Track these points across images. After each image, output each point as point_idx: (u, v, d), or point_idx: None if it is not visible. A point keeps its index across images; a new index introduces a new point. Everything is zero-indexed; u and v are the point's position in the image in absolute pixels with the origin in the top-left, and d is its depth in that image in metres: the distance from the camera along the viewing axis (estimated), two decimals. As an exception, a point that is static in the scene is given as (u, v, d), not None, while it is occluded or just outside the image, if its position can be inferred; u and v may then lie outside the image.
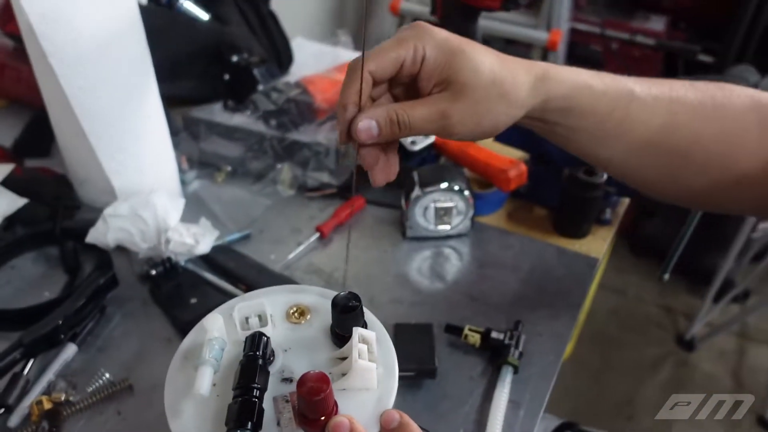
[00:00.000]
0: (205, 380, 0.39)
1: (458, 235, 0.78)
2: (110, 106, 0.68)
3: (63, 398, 0.59)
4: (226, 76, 0.92)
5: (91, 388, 0.60)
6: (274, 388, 0.40)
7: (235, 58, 0.91)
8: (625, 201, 0.86)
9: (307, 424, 0.38)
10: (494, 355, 0.63)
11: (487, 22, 1.75)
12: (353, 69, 0.45)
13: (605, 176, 0.76)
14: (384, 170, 0.49)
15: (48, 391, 0.60)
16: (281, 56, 1.03)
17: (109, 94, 0.68)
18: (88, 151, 0.70)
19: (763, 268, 1.78)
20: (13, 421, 0.57)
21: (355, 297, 0.42)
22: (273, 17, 1.06)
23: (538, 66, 0.49)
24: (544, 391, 0.62)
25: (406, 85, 0.49)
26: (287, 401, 0.40)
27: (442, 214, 0.75)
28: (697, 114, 0.52)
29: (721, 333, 1.82)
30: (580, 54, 2.07)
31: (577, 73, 0.50)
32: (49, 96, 0.69)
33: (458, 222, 0.76)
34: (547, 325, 0.67)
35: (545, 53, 1.74)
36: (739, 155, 0.52)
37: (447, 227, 0.76)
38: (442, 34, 0.47)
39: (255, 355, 0.40)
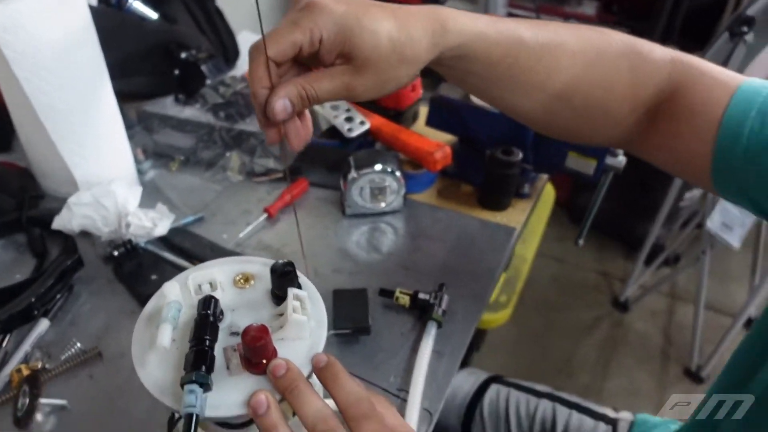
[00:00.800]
0: (165, 335, 0.47)
1: (392, 212, 0.87)
2: (69, 105, 0.75)
3: (39, 366, 0.66)
4: (176, 72, 0.99)
5: (64, 356, 0.68)
6: (223, 341, 0.49)
7: (183, 55, 0.97)
8: (544, 177, 0.96)
9: (251, 366, 0.47)
10: (421, 314, 0.73)
11: (427, 8, 1.84)
12: (254, 56, 0.48)
13: (521, 155, 0.86)
14: (299, 135, 0.52)
15: (26, 361, 0.67)
16: (228, 51, 1.10)
17: (68, 95, 0.74)
18: (49, 147, 0.77)
19: (690, 233, 1.93)
20: (-4, 387, 0.65)
21: (290, 263, 0.50)
22: (219, 14, 1.13)
23: (436, 18, 0.51)
24: (464, 341, 0.71)
25: (309, 57, 0.50)
26: (235, 350, 0.48)
27: (377, 193, 0.84)
28: (577, 60, 0.57)
29: (653, 294, 1.97)
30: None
31: (474, 21, 0.53)
32: (10, 97, 0.76)
33: (392, 200, 0.85)
34: (468, 287, 0.77)
35: (483, 38, 1.84)
36: (612, 99, 0.59)
37: (382, 204, 0.86)
38: (338, 9, 0.48)
39: (207, 313, 0.48)
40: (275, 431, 0.44)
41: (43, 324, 0.71)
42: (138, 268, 0.76)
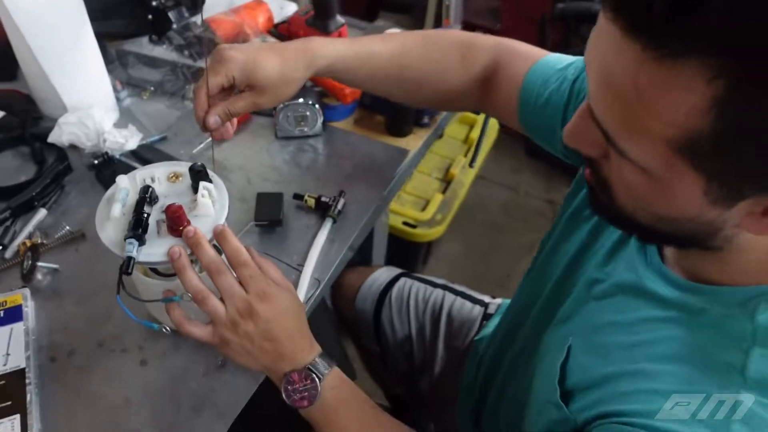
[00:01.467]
0: (116, 209, 0.71)
1: (314, 135, 1.10)
2: (57, 44, 0.97)
3: (39, 241, 0.92)
4: (149, 17, 1.20)
5: (57, 235, 0.93)
6: (156, 216, 0.72)
7: (154, 3, 1.18)
8: (442, 113, 1.18)
9: (173, 232, 0.71)
10: (323, 212, 0.97)
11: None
12: (198, 89, 0.75)
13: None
14: (223, 135, 0.80)
15: (29, 238, 0.92)
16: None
17: (56, 36, 0.96)
18: (44, 78, 0.99)
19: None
20: (8, 254, 0.90)
21: (201, 165, 0.74)
22: (188, -36, 1.33)
23: (307, 49, 0.79)
24: (351, 233, 0.95)
25: (230, 88, 0.78)
26: (164, 222, 0.72)
27: (300, 120, 1.07)
28: (420, 57, 0.85)
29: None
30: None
31: (336, 47, 0.81)
32: (13, 39, 0.98)
33: (312, 126, 1.08)
34: (363, 194, 1.01)
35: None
36: (448, 80, 0.85)
37: (305, 129, 1.09)
38: (241, 58, 0.74)
39: (144, 196, 0.72)
40: (184, 270, 0.68)
41: (42, 212, 0.95)
42: (113, 174, 0.99)
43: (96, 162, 1.00)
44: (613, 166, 0.50)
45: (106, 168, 1.00)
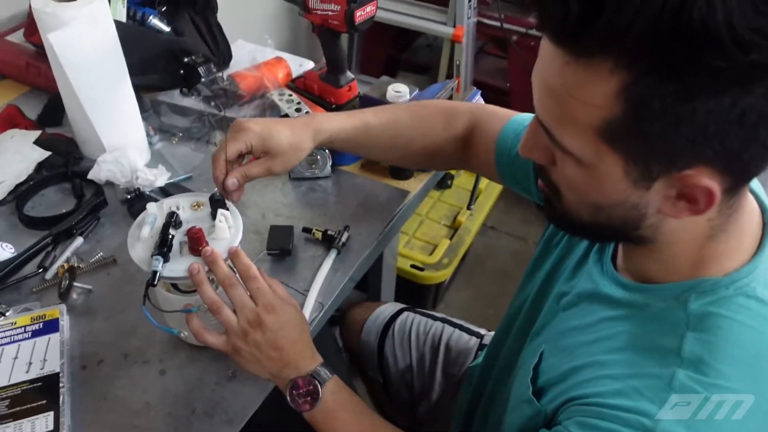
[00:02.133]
0: (145, 231, 0.82)
1: (324, 177, 1.21)
2: (102, 94, 1.11)
3: (76, 265, 1.03)
4: (181, 72, 1.34)
5: (92, 260, 1.04)
6: (180, 238, 0.84)
7: (186, 60, 1.33)
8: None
9: (193, 251, 0.82)
10: (328, 244, 1.07)
11: (403, 18, 2.17)
12: (216, 157, 0.87)
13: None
14: (237, 193, 0.89)
15: (67, 261, 1.04)
16: (224, 56, 1.45)
17: (101, 87, 1.10)
18: (87, 123, 1.13)
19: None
20: (48, 275, 1.01)
21: (221, 195, 0.86)
22: (219, 27, 1.48)
23: (313, 123, 0.92)
24: (353, 263, 1.05)
25: (247, 153, 0.90)
26: (186, 243, 0.83)
27: (311, 163, 1.19)
28: (408, 125, 0.99)
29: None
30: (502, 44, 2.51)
31: (336, 121, 0.94)
32: (63, 90, 1.12)
33: (322, 168, 1.20)
34: (366, 230, 1.11)
35: (453, 44, 2.17)
36: (434, 142, 0.99)
37: (316, 171, 1.20)
38: (257, 129, 0.86)
39: (170, 221, 0.83)
40: (202, 284, 0.79)
41: (79, 240, 1.07)
42: (143, 208, 1.11)
43: (129, 197, 1.12)
44: (559, 166, 0.61)
45: (138, 202, 1.12)
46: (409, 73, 3.06)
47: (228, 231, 0.84)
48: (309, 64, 1.50)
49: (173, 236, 0.83)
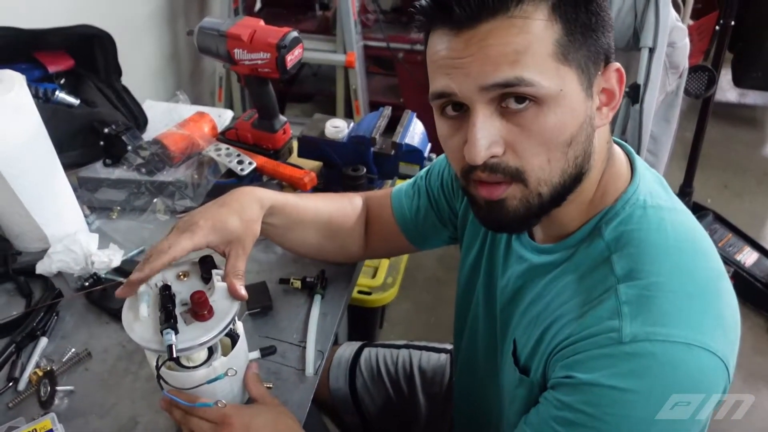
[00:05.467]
0: (144, 310, 0.79)
1: (281, 224, 1.20)
2: (35, 183, 1.04)
3: (49, 368, 0.96)
4: (102, 143, 1.28)
5: (65, 359, 0.97)
6: (178, 310, 0.80)
7: (106, 130, 1.27)
8: (388, 182, 1.32)
9: (198, 317, 0.79)
10: (310, 291, 1.07)
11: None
12: (161, 257, 0.79)
13: (364, 170, 1.21)
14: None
15: (37, 367, 0.96)
16: (138, 119, 1.40)
17: (34, 175, 1.03)
18: (24, 216, 1.05)
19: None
20: (21, 386, 0.93)
21: (209, 256, 0.83)
22: (126, 90, 1.43)
23: (251, 193, 0.92)
24: (339, 304, 1.06)
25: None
26: (187, 312, 0.80)
27: (268, 213, 1.18)
28: (325, 202, 1.04)
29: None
30: (382, 63, 2.58)
31: (274, 194, 0.95)
32: (-11, 183, 1.04)
33: (279, 216, 1.19)
34: (340, 271, 1.11)
35: (347, 71, 2.21)
36: (349, 222, 1.04)
37: (273, 220, 1.19)
38: (207, 224, 0.83)
39: (167, 293, 0.80)
40: (191, 412, 0.80)
41: (43, 341, 0.99)
42: (103, 291, 1.06)
43: (86, 284, 1.05)
44: (527, 129, 0.65)
45: (95, 286, 1.06)
46: (294, 103, 3.07)
47: (225, 290, 0.83)
48: (228, 114, 1.48)
49: (174, 307, 0.80)
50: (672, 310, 0.63)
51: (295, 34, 1.15)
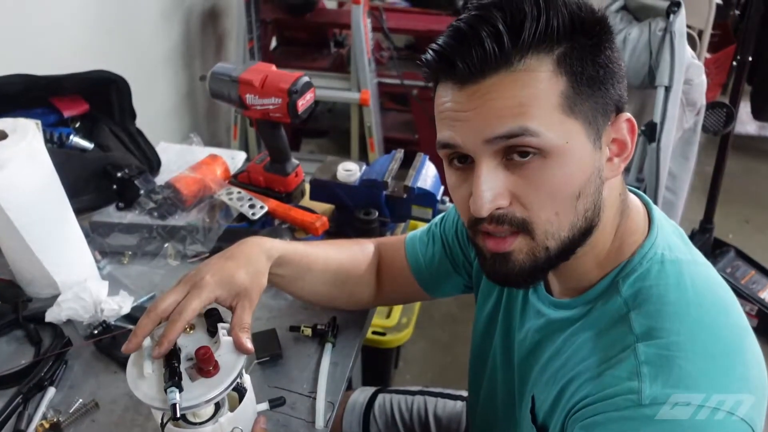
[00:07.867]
0: (148, 367, 0.77)
1: (292, 269, 1.19)
2: (47, 231, 1.04)
3: (55, 419, 0.94)
4: (114, 187, 1.28)
5: (71, 410, 0.96)
6: (184, 365, 0.79)
7: (119, 174, 1.27)
8: (401, 225, 1.31)
9: (204, 373, 0.77)
10: (320, 339, 1.05)
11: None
12: (178, 319, 0.78)
13: (376, 213, 1.20)
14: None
15: (44, 418, 0.95)
16: (152, 162, 1.41)
17: (46, 224, 1.03)
18: (35, 264, 1.05)
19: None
20: (27, 439, 0.92)
21: (215, 308, 0.82)
22: (140, 133, 1.44)
23: (259, 245, 0.90)
24: (350, 353, 1.04)
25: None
26: (192, 368, 0.78)
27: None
28: (336, 256, 1.01)
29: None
30: (397, 98, 2.59)
31: (282, 244, 0.94)
32: (2, 230, 1.04)
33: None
34: (350, 317, 1.10)
35: (361, 108, 2.22)
36: (360, 269, 1.03)
37: (284, 265, 1.18)
38: (214, 279, 0.82)
39: (171, 348, 0.78)
40: None
41: (51, 391, 0.98)
42: (113, 339, 1.05)
43: (96, 332, 1.04)
44: (533, 181, 0.64)
45: (105, 335, 1.05)
46: (310, 138, 3.09)
47: (231, 342, 0.81)
48: (241, 156, 1.48)
49: (179, 364, 0.78)
50: (694, 372, 0.61)
51: (306, 79, 1.15)
